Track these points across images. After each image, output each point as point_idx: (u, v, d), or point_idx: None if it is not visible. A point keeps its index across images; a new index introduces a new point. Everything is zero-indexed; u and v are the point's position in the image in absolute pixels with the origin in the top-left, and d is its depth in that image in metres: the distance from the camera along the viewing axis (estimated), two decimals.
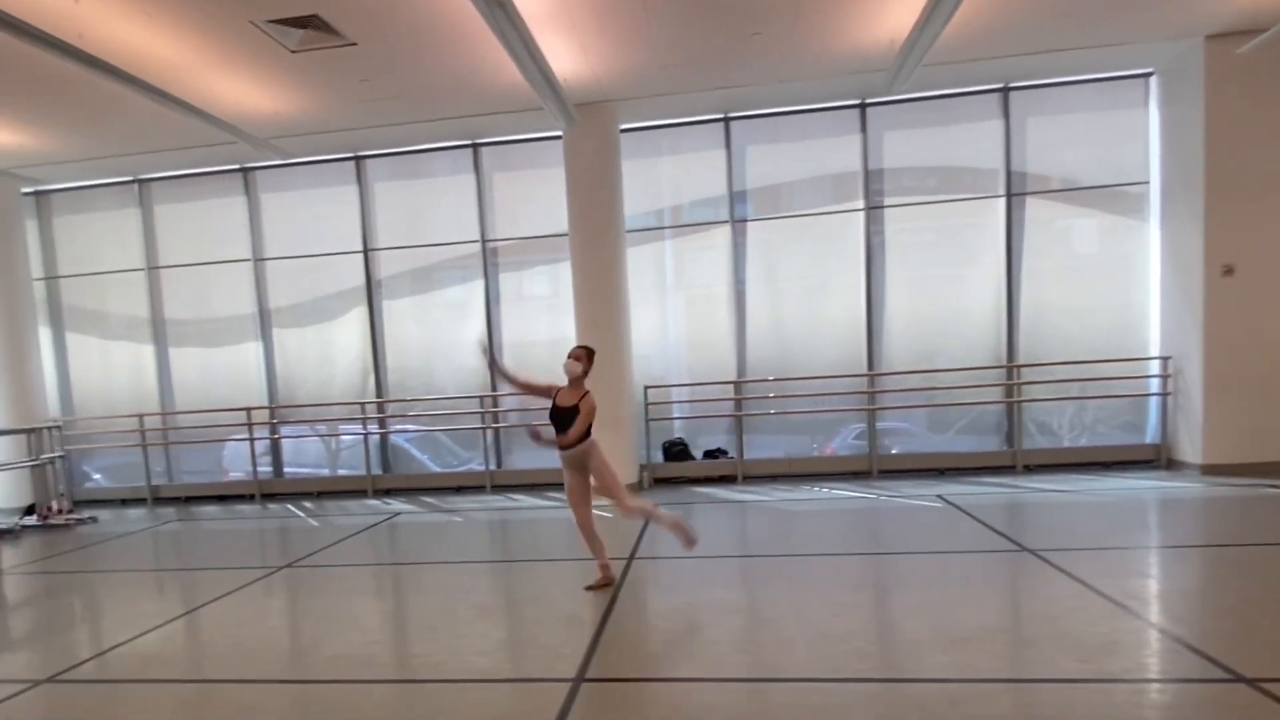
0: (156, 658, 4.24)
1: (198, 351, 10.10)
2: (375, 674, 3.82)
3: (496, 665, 3.87)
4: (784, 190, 8.93)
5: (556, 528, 7.15)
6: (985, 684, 3.30)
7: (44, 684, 3.92)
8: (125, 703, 3.70)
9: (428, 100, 7.61)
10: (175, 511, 9.19)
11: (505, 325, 9.41)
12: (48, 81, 6.60)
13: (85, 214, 10.09)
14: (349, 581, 5.72)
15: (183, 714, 3.52)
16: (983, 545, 5.61)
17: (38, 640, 4.81)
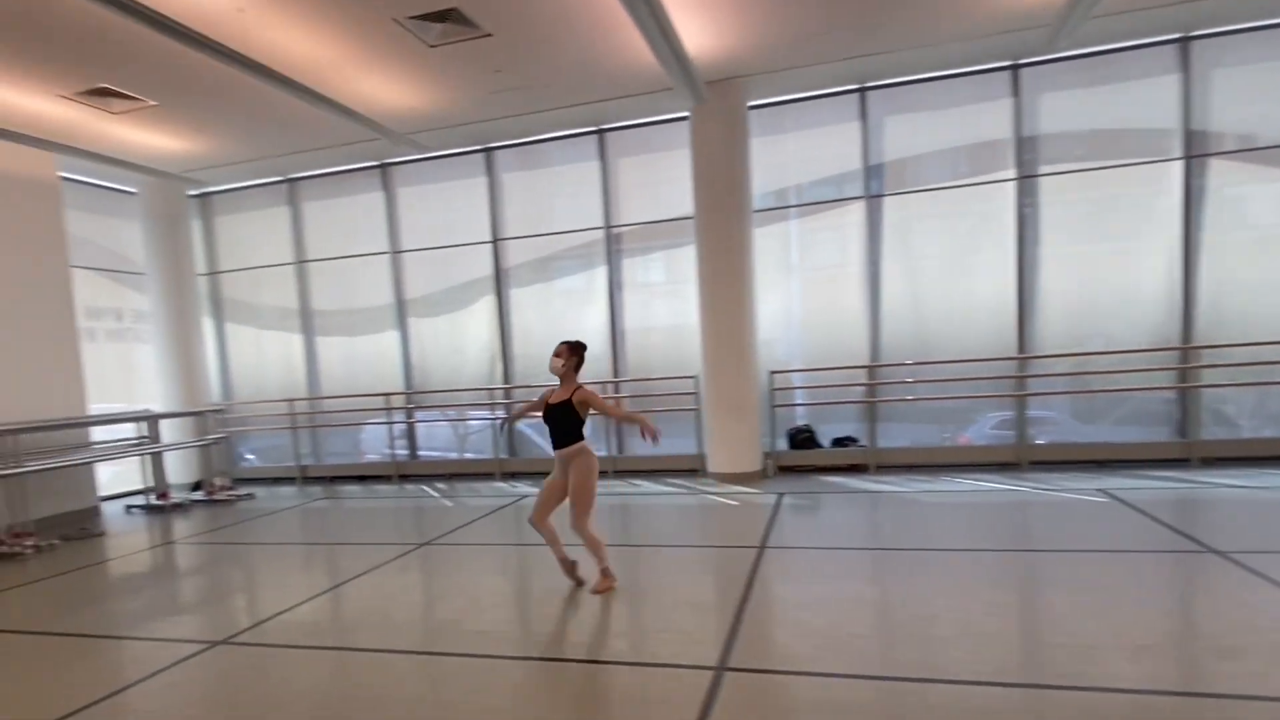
0: (315, 625, 4.46)
1: (341, 340, 10.70)
2: (516, 650, 3.83)
3: (635, 648, 3.81)
4: (924, 162, 8.38)
5: (675, 514, 7.05)
6: (1182, 698, 2.89)
7: (220, 645, 4.19)
8: (290, 666, 3.88)
9: (557, 87, 7.64)
10: (322, 490, 9.79)
11: (627, 311, 9.38)
12: (214, 89, 7.09)
13: (242, 213, 10.90)
14: (483, 560, 5.86)
15: (341, 680, 3.66)
16: (1160, 545, 5.02)
17: (212, 605, 5.20)
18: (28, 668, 4.10)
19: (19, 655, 4.31)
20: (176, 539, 7.27)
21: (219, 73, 6.58)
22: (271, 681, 3.70)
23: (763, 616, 4.12)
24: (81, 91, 6.95)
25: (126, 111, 7.49)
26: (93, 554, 6.78)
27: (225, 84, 6.93)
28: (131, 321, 10.45)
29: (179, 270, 10.39)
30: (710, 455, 8.56)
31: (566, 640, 4.00)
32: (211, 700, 3.54)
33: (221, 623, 4.62)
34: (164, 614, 4.94)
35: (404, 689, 3.46)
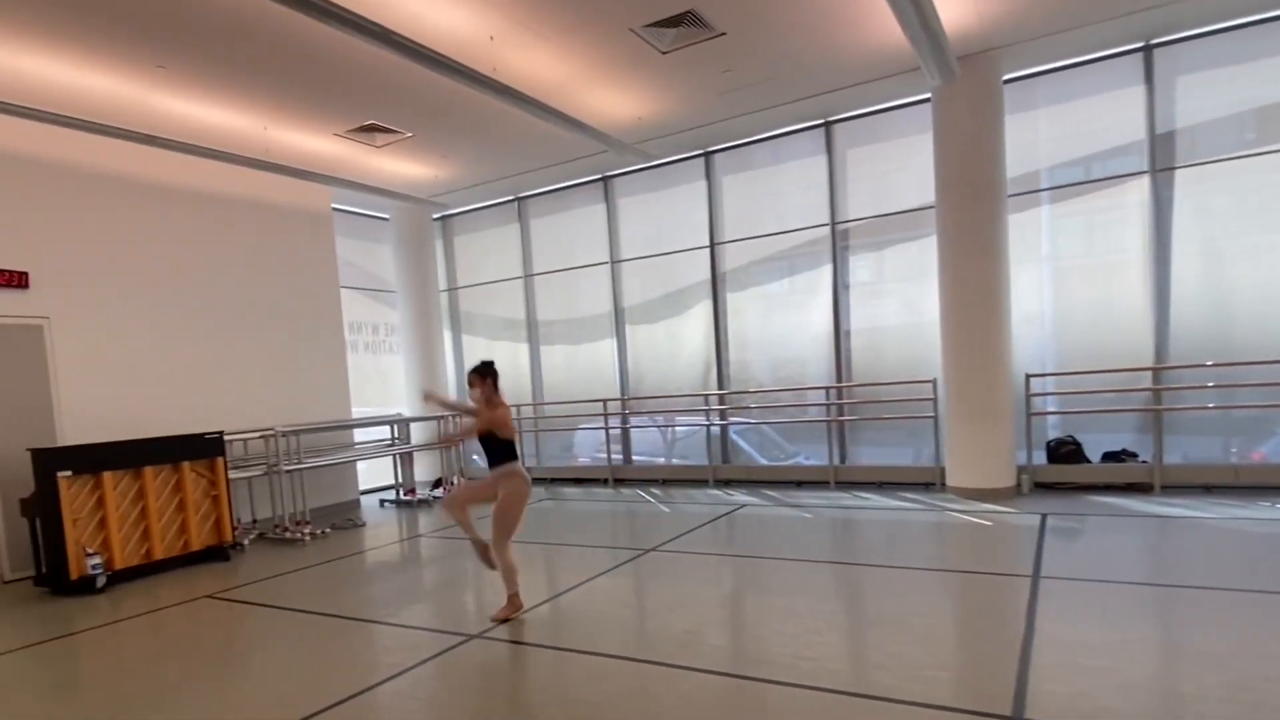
0: (561, 626, 4.49)
1: (563, 348, 11.16)
2: (766, 673, 3.53)
3: (903, 684, 3.34)
4: (1225, 128, 7.01)
5: (920, 532, 6.38)
6: None
7: (475, 639, 4.33)
8: (543, 665, 3.90)
9: (788, 82, 7.37)
10: (545, 490, 10.20)
11: (854, 311, 8.80)
12: (462, 117, 7.67)
13: (477, 232, 11.77)
14: (712, 570, 5.64)
15: (597, 684, 3.59)
16: None
17: (462, 597, 5.47)
18: (318, 645, 4.51)
19: (309, 631, 4.77)
20: (425, 532, 7.86)
21: (467, 100, 7.07)
22: (535, 681, 3.71)
23: (1055, 660, 3.48)
24: (353, 129, 7.81)
25: (387, 144, 8.32)
26: (358, 543, 7.50)
27: (472, 110, 7.44)
28: (384, 334, 11.64)
29: (424, 287, 11.41)
30: (950, 468, 7.73)
31: (822, 666, 3.63)
32: (480, 692, 3.61)
33: (474, 616, 4.80)
34: (424, 603, 5.27)
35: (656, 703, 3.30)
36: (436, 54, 5.76)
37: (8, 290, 6.63)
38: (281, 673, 4.05)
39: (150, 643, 4.72)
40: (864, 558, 5.67)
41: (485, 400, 4.67)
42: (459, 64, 5.97)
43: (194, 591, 5.92)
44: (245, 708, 3.58)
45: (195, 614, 5.33)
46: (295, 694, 3.70)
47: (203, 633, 4.92)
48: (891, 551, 5.86)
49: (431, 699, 3.56)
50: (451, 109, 7.42)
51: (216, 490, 7.07)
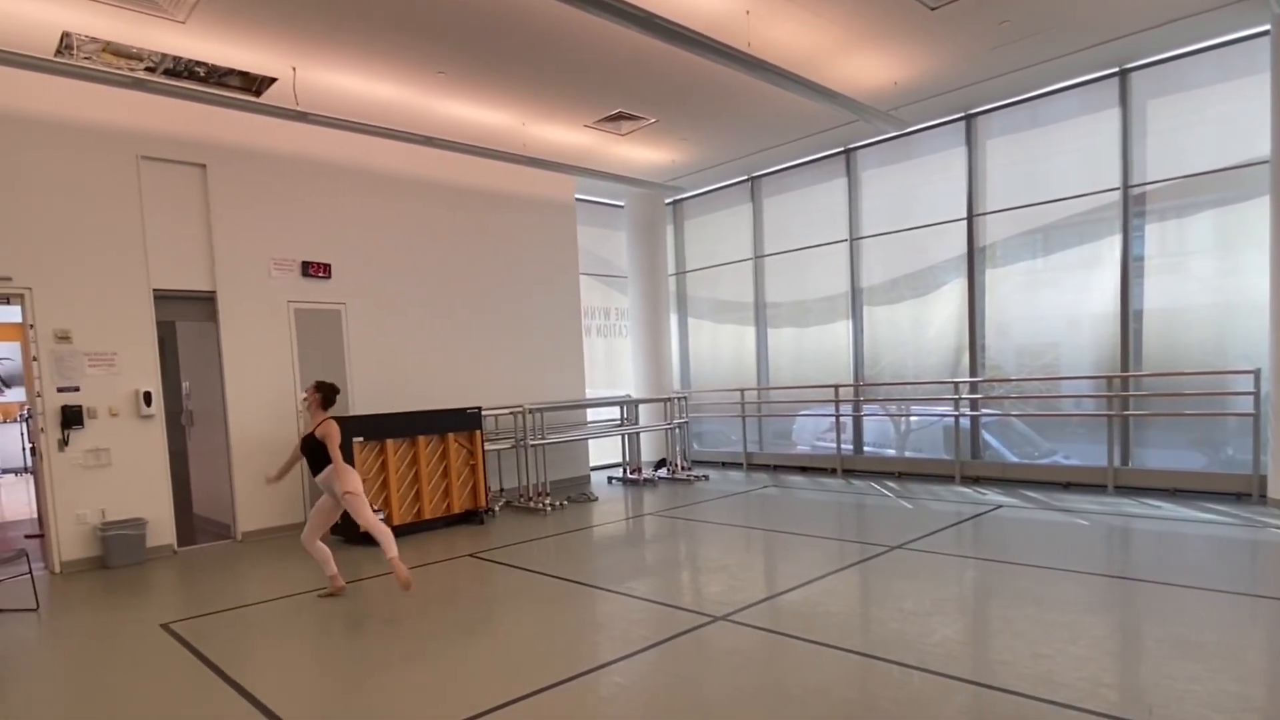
0: (808, 617, 4.28)
1: (791, 331, 10.84)
2: (1062, 697, 3.05)
3: None
4: None
5: (1240, 551, 5.27)
6: None
7: (720, 620, 4.27)
8: (795, 656, 3.73)
9: (1077, 27, 6.50)
10: (768, 477, 9.98)
11: (1149, 289, 7.54)
12: (707, 97, 7.68)
13: (708, 214, 11.79)
14: (971, 574, 5.08)
15: (858, 683, 3.35)
16: None
17: (700, 578, 5.46)
18: (574, 610, 4.73)
19: (562, 595, 5.02)
20: (651, 510, 8.02)
21: (716, 78, 7.06)
22: (783, 670, 3.56)
23: None
24: (601, 119, 8.12)
25: (631, 131, 8.56)
26: (592, 516, 7.85)
27: (718, 89, 7.42)
28: (615, 319, 12.09)
29: (654, 272, 11.68)
30: (1275, 476, 6.35)
31: (1129, 696, 3.08)
32: (736, 674, 3.54)
33: (715, 598, 4.75)
34: (661, 578, 5.33)
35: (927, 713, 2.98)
36: (695, 33, 5.73)
37: (317, 280, 7.75)
38: (536, 632, 4.28)
39: (421, 592, 5.21)
40: (1165, 575, 4.79)
41: (314, 408, 5.21)
42: (716, 41, 5.90)
43: (455, 550, 6.51)
44: (507, 662, 3.82)
45: (458, 570, 5.86)
46: (551, 654, 3.89)
47: (465, 587, 5.38)
48: (1201, 571, 4.89)
49: (691, 675, 3.53)
50: (698, 90, 7.43)
51: (474, 460, 7.74)
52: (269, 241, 7.45)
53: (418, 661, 3.90)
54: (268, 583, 5.76)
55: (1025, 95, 8.09)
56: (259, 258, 7.39)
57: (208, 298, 7.18)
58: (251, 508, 7.30)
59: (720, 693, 3.32)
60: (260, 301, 7.41)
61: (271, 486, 5.69)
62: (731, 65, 6.28)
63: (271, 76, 6.53)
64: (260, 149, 7.41)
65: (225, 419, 7.22)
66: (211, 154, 7.10)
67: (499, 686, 3.47)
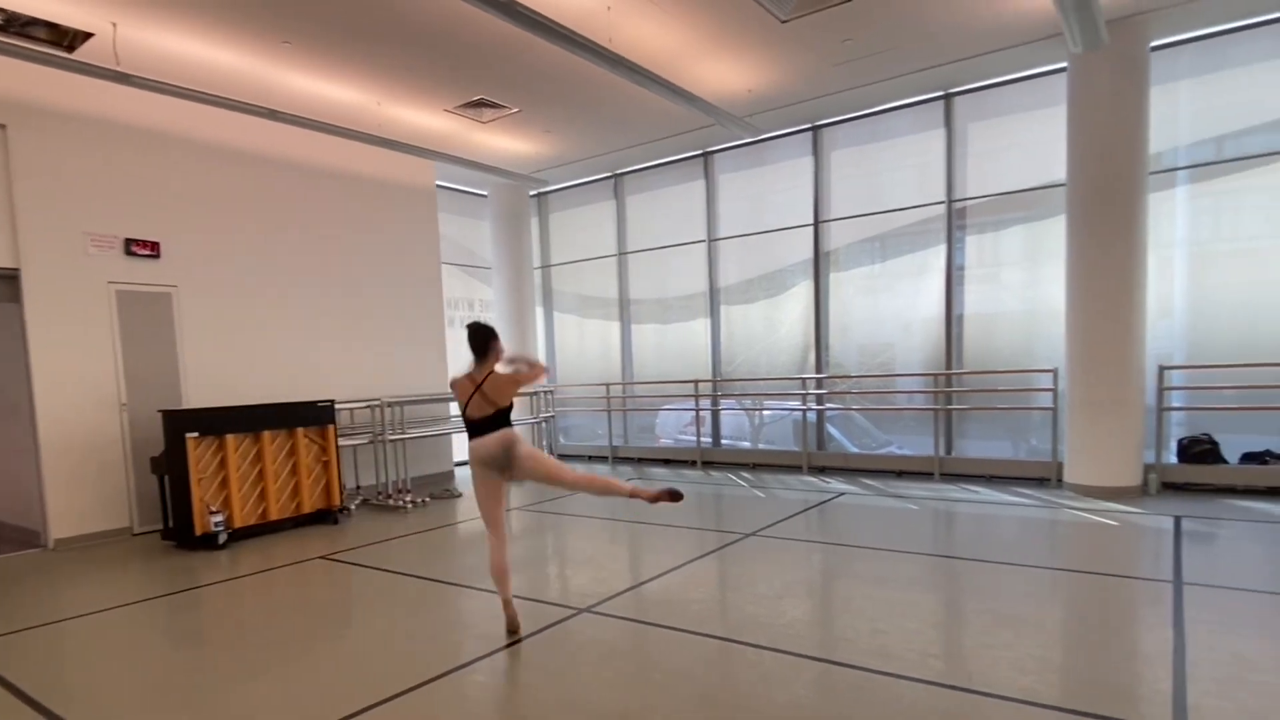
0: (671, 604, 4.43)
1: (654, 328, 11.09)
2: (896, 668, 3.36)
3: (1044, 688, 3.12)
4: None
5: (1039, 530, 6.01)
6: None
7: (585, 612, 4.32)
8: (656, 643, 3.84)
9: (910, 51, 7.03)
10: (632, 470, 10.18)
11: (969, 295, 8.36)
12: (570, 91, 7.63)
13: (573, 209, 11.79)
14: (818, 557, 5.47)
15: (713, 667, 3.51)
16: None
17: (565, 571, 5.49)
18: (431, 609, 4.61)
19: (420, 595, 4.88)
20: (518, 506, 7.95)
21: (578, 73, 7.04)
22: (652, 659, 3.67)
23: (1215, 673, 3.18)
24: (462, 104, 7.89)
25: (494, 120, 8.38)
26: (456, 513, 7.67)
27: (581, 83, 7.39)
28: (479, 311, 11.83)
29: (519, 264, 11.53)
30: (1070, 463, 7.27)
31: (954, 665, 3.44)
32: (600, 664, 3.59)
33: (581, 590, 4.80)
34: (526, 574, 5.30)
35: (781, 690, 3.19)
36: (556, 24, 5.71)
37: (143, 259, 7.03)
38: (395, 634, 4.14)
39: (267, 599, 4.92)
40: (982, 553, 5.37)
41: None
42: (577, 34, 5.90)
43: (306, 552, 6.16)
44: (364, 667, 3.67)
45: (308, 574, 5.55)
46: (412, 655, 3.77)
47: (317, 592, 5.10)
48: (1012, 548, 5.54)
49: (554, 670, 3.55)
50: (561, 83, 7.39)
51: (327, 456, 7.34)
52: (84, 214, 6.67)
53: (263, 674, 3.66)
54: (89, 595, 5.17)
55: (866, 111, 8.71)
56: (72, 232, 6.60)
57: (9, 275, 6.32)
58: (67, 511, 6.52)
59: (585, 684, 3.37)
60: (75, 281, 6.62)
61: (91, 486, 5.07)
62: (593, 60, 6.31)
63: (87, 31, 5.84)
64: (75, 111, 6.61)
65: (32, 412, 6.40)
66: (12, 113, 6.25)
67: (353, 694, 3.33)
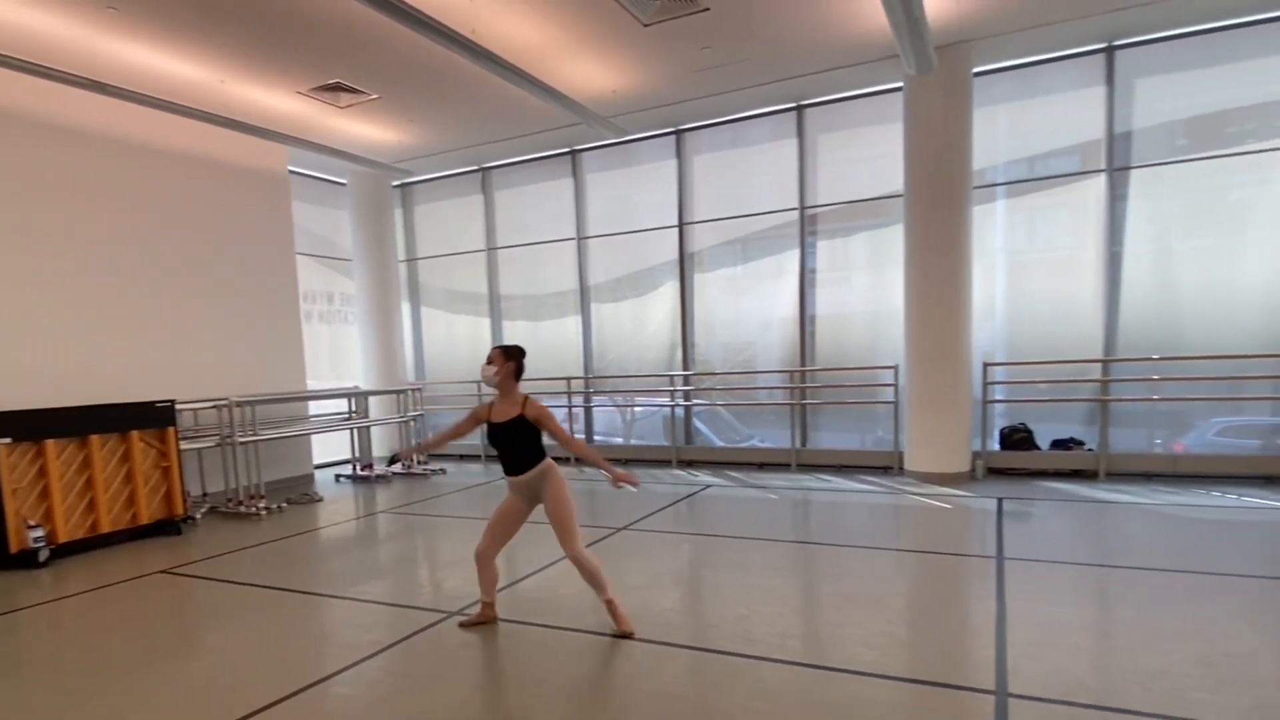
0: (541, 601, 4.47)
1: (526, 324, 11.01)
2: (756, 650, 3.58)
3: (888, 660, 3.44)
4: (1181, 130, 7.31)
5: (883, 514, 6.56)
6: None
7: (455, 615, 4.27)
8: (526, 642, 3.86)
9: (765, 62, 7.37)
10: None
11: (820, 296, 8.92)
12: (432, 80, 7.41)
13: (439, 201, 11.47)
14: (685, 549, 5.69)
15: (582, 661, 3.58)
16: None
17: (437, 574, 5.38)
18: (287, 622, 4.37)
19: (274, 608, 4.62)
20: (383, 508, 7.69)
21: (440, 62, 6.85)
22: (522, 658, 3.68)
23: (1030, 637, 3.62)
24: (316, 87, 7.48)
25: (351, 105, 8.00)
26: (315, 518, 7.30)
27: (444, 73, 7.20)
28: (340, 305, 11.28)
29: (382, 257, 11.09)
30: (909, 452, 7.96)
31: (809, 644, 3.71)
32: (470, 667, 3.56)
33: (451, 594, 4.74)
34: (391, 579, 5.16)
35: (648, 678, 3.31)
36: (414, 10, 5.55)
37: None
38: (248, 650, 3.91)
39: (98, 619, 4.50)
40: (834, 538, 5.79)
41: (506, 380, 3.90)
42: (437, 22, 5.77)
43: (145, 567, 5.67)
44: (210, 688, 3.45)
45: (147, 590, 5.11)
46: (267, 672, 3.58)
47: (156, 609, 4.71)
48: (859, 533, 6.01)
49: (423, 676, 3.49)
50: (422, 71, 7.17)
51: (167, 461, 6.77)
52: None
53: (91, 700, 3.35)
54: None
55: (727, 118, 9.07)
56: None
57: None
58: None
59: (453, 689, 3.34)
60: None
61: None
62: (455, 50, 6.21)
63: None
64: None
65: None
66: None
67: (195, 716, 3.13)
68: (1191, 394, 7.30)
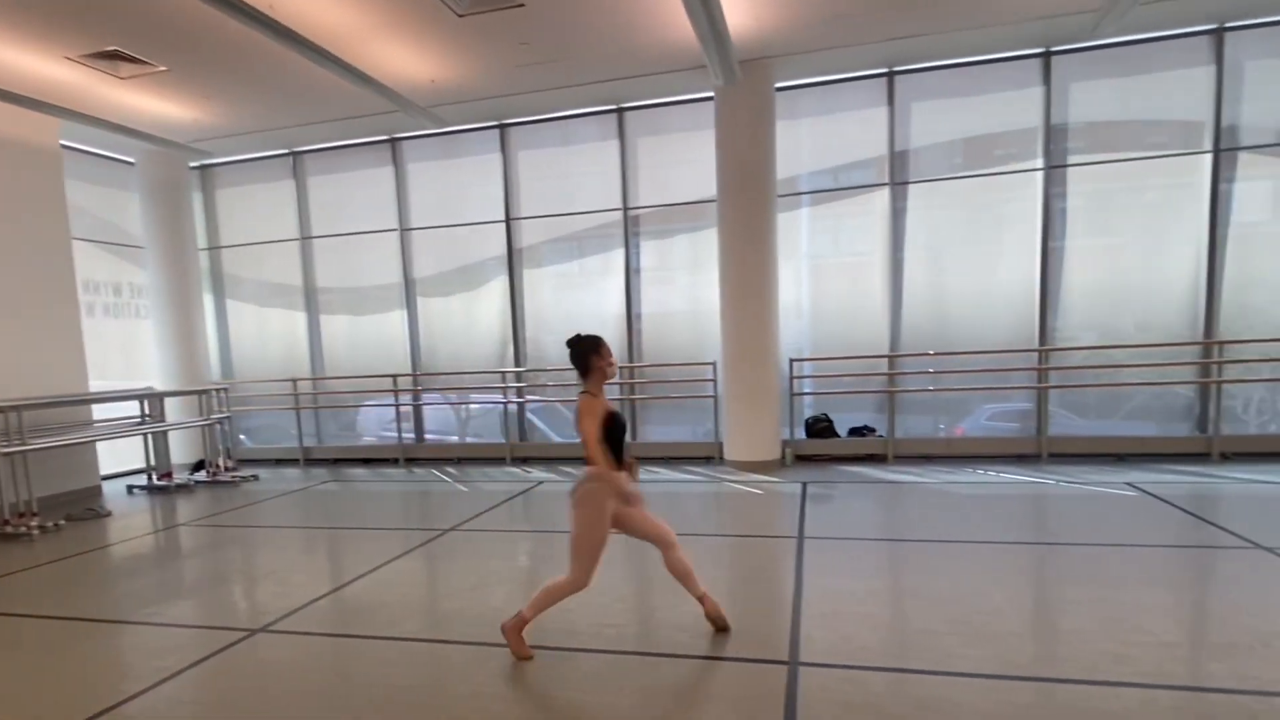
0: (359, 611, 4.33)
1: (346, 319, 10.48)
2: (577, 643, 3.73)
3: (697, 640, 3.70)
4: (950, 150, 8.30)
5: (705, 502, 6.98)
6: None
7: (261, 632, 4.05)
8: (339, 655, 3.75)
9: (582, 62, 7.47)
10: (327, 472, 9.59)
11: (644, 295, 9.25)
12: (229, 54, 6.83)
13: (244, 186, 10.60)
14: (515, 547, 5.74)
15: (397, 670, 3.54)
16: (1209, 541, 5.02)
17: (240, 589, 5.04)
18: (62, 652, 3.93)
19: (49, 638, 4.13)
20: (186, 521, 7.06)
21: (237, 37, 6.35)
22: (332, 673, 3.56)
23: (822, 609, 4.04)
24: (89, 54, 6.67)
25: (135, 76, 7.20)
26: (102, 536, 6.57)
27: (241, 48, 6.68)
28: (130, 296, 10.13)
29: (179, 244, 10.09)
30: (728, 443, 8.49)
31: (624, 632, 3.90)
32: (269, 689, 3.40)
33: (258, 609, 4.48)
34: (190, 599, 4.79)
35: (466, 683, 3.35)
36: None
37: None
38: (18, 688, 3.48)
39: None
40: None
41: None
42: None
43: None
44: None
45: None
46: (40, 705, 3.22)
47: None
48: (681, 521, 6.31)
49: (214, 702, 3.29)
50: (218, 44, 6.60)
51: None
52: None
53: None
54: None
55: (552, 115, 9.13)
56: None
57: None
58: None
59: (249, 712, 3.18)
60: None
61: None
62: (249, 24, 5.80)
63: None
64: None
65: None
66: None
67: None
68: (962, 385, 8.36)
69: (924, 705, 2.96)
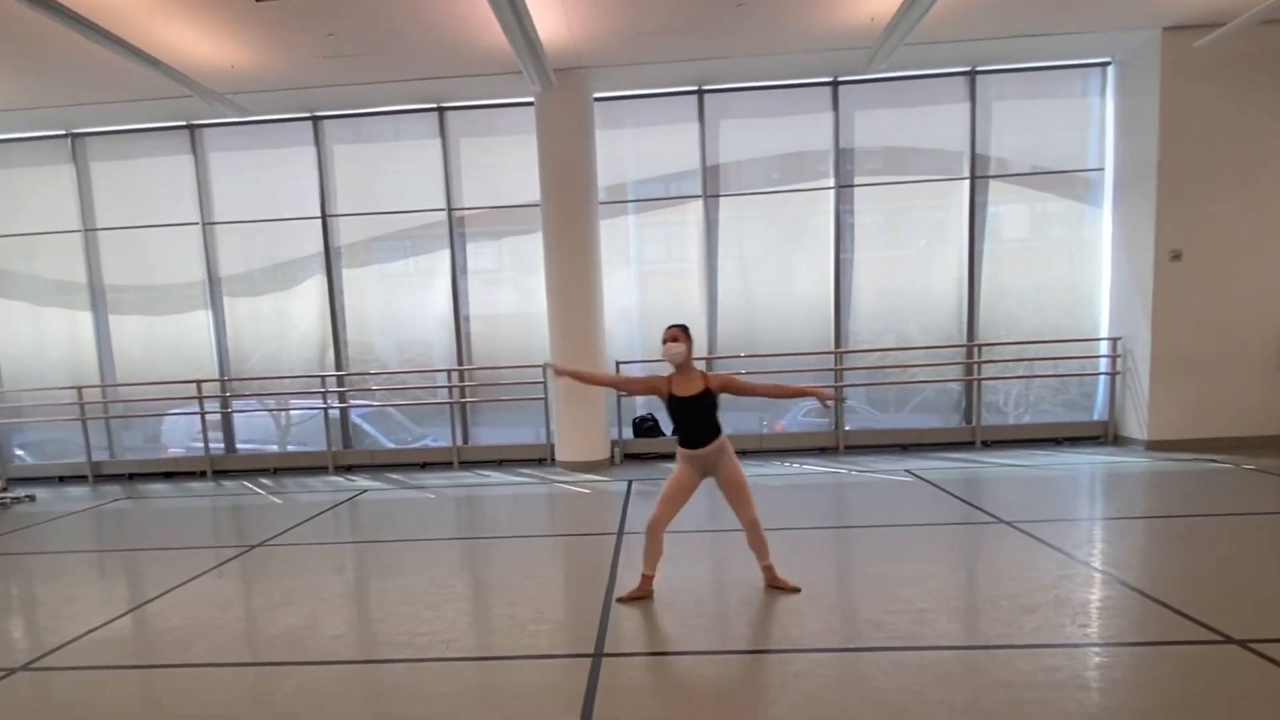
0: (149, 638, 4.04)
1: (140, 319, 9.53)
2: (385, 654, 3.72)
3: (512, 642, 3.80)
4: (755, 166, 8.95)
5: (533, 503, 7.10)
6: (999, 650, 3.43)
7: (20, 671, 3.68)
8: (122, 689, 3.50)
9: (396, 59, 7.31)
10: (121, 489, 8.72)
11: (472, 297, 9.19)
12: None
13: (12, 169, 9.34)
14: (328, 560, 5.55)
15: (191, 698, 3.36)
16: (961, 517, 5.82)
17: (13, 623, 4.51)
18: None
19: None
20: None
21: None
22: (113, 710, 3.31)
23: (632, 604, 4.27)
24: None
25: None
26: None
27: (7, 13, 5.91)
28: None
29: None
30: (559, 444, 8.65)
31: (436, 639, 3.92)
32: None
33: (20, 645, 4.04)
34: None
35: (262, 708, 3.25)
36: None
37: None
38: None
39: None
40: (484, 532, 6.12)
41: (686, 360, 4.24)
42: None
43: None
44: None
45: None
46: None
47: None
48: (508, 524, 6.41)
49: None
50: None
51: None
52: None
53: None
54: None
55: (370, 109, 8.85)
56: None
57: None
58: None
59: None
60: None
61: None
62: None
63: None
64: None
65: None
66: None
67: None
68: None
69: (693, 683, 3.25)
